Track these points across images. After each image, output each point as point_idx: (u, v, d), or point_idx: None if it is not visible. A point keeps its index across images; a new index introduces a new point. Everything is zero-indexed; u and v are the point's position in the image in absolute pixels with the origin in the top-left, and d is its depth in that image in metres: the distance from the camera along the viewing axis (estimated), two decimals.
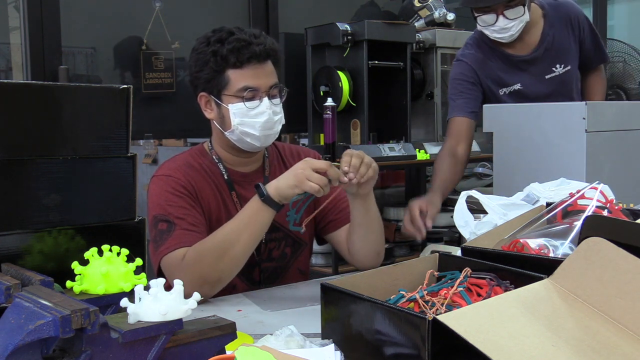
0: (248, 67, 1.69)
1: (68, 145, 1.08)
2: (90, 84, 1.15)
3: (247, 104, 1.69)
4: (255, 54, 1.68)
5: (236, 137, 1.74)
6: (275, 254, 1.82)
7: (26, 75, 2.97)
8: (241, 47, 1.68)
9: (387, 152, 3.38)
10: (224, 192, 1.77)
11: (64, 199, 1.07)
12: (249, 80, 1.69)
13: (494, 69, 2.54)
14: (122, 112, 1.13)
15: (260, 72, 1.70)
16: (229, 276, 1.60)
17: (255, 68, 1.69)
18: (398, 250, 3.80)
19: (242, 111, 1.70)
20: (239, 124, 1.70)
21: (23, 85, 1.13)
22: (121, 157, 1.13)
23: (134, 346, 0.85)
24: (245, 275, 1.76)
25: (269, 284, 1.80)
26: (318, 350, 1.05)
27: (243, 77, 1.69)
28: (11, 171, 1.03)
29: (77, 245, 1.07)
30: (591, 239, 0.96)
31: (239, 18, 3.61)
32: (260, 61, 1.69)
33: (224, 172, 1.79)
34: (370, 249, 1.79)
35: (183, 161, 1.77)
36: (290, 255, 1.84)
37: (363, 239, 1.76)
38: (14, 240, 1.02)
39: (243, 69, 1.69)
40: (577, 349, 0.87)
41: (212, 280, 1.56)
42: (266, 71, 1.71)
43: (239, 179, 1.80)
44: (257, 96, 1.70)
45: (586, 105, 2.00)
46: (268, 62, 1.72)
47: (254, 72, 1.69)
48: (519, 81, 2.55)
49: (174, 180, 1.70)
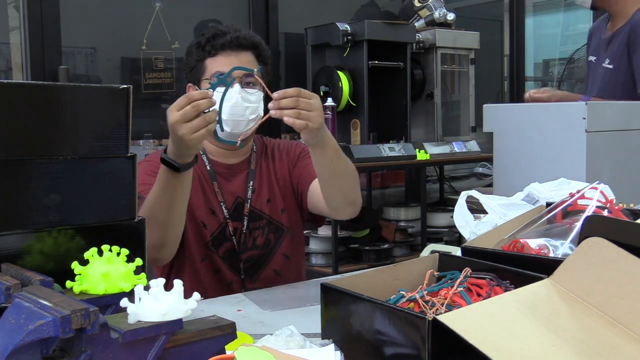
0: (222, 54, 1.77)
1: (68, 145, 1.08)
2: (90, 84, 1.15)
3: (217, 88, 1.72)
4: (227, 42, 1.76)
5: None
6: (260, 241, 1.85)
7: (26, 75, 2.97)
8: (216, 35, 1.77)
9: (387, 152, 3.38)
10: (205, 181, 1.81)
11: (64, 199, 1.07)
12: (220, 67, 1.75)
13: (595, 37, 2.80)
14: (122, 112, 1.13)
15: (233, 59, 1.76)
16: (167, 242, 1.61)
17: (229, 55, 1.76)
18: (398, 250, 3.80)
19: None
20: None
21: (23, 85, 1.13)
22: (121, 157, 1.13)
23: (134, 346, 0.85)
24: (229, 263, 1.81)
25: (255, 270, 1.84)
26: (318, 350, 1.05)
27: (216, 64, 1.77)
28: (11, 171, 1.03)
29: (77, 245, 1.07)
30: (591, 239, 0.96)
31: (239, 18, 3.61)
32: (233, 49, 1.76)
33: (207, 163, 1.83)
34: (342, 200, 1.73)
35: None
36: (274, 241, 1.87)
37: (332, 189, 1.70)
38: (14, 240, 1.02)
39: (217, 56, 1.77)
40: (577, 349, 0.87)
41: (154, 245, 1.54)
42: (240, 59, 1.76)
43: (222, 170, 1.84)
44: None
45: (586, 105, 2.00)
46: (246, 52, 1.78)
47: (227, 60, 1.76)
48: (595, 56, 2.78)
49: (152, 164, 1.75)
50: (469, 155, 3.82)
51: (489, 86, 4.95)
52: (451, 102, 4.04)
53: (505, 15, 4.99)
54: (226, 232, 1.81)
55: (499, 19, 5.00)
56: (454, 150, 3.74)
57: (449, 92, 4.01)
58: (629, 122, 2.16)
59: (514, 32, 4.90)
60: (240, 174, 1.85)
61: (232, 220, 1.81)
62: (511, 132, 2.19)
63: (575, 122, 2.00)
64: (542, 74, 6.22)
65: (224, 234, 1.81)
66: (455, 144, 3.78)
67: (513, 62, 4.91)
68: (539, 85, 6.18)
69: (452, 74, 4.01)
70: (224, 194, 1.81)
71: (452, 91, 4.04)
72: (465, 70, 3.97)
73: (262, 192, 1.85)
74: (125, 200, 1.14)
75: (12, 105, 1.03)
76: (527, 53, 5.15)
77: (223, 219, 1.80)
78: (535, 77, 6.19)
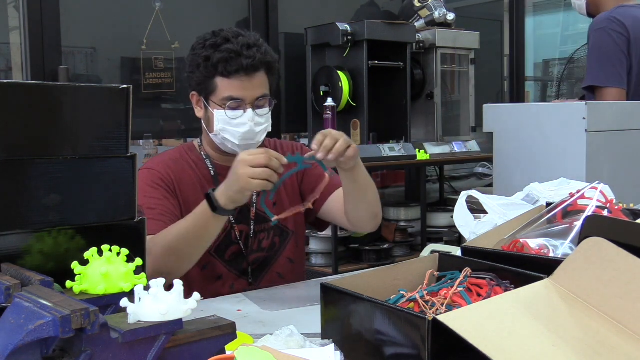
0: (235, 78, 1.70)
1: (68, 145, 1.08)
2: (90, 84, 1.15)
3: (229, 113, 1.71)
4: (242, 67, 1.69)
5: (219, 141, 1.78)
6: (265, 244, 1.85)
7: (26, 75, 2.97)
8: (230, 59, 1.69)
9: (387, 152, 3.38)
10: (209, 187, 1.79)
11: (64, 199, 1.07)
12: (234, 91, 1.70)
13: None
14: (122, 112, 1.13)
15: (247, 84, 1.71)
16: (177, 272, 1.60)
17: (242, 80, 1.70)
18: (398, 250, 3.80)
19: (224, 119, 1.72)
20: (220, 130, 1.74)
21: (23, 85, 1.13)
22: (121, 157, 1.13)
23: (134, 346, 0.85)
24: (234, 266, 1.81)
25: (260, 272, 1.84)
26: (318, 350, 1.05)
27: (229, 87, 1.71)
28: (11, 171, 1.02)
29: (77, 245, 1.07)
30: (591, 239, 0.96)
31: (239, 18, 3.61)
32: (248, 73, 1.70)
33: (211, 168, 1.83)
34: (366, 214, 1.81)
35: (168, 156, 1.84)
36: (279, 244, 1.88)
37: (357, 206, 1.78)
38: (14, 240, 1.02)
39: (230, 79, 1.70)
40: (577, 348, 0.87)
41: (161, 271, 1.55)
42: (253, 83, 1.72)
43: (225, 172, 1.82)
44: (242, 107, 1.72)
45: (586, 105, 2.00)
46: (258, 73, 1.73)
47: (241, 84, 1.70)
48: None
49: (153, 173, 1.75)
50: (469, 155, 3.82)
51: (489, 86, 4.94)
52: (451, 102, 4.04)
53: (505, 15, 4.99)
54: (232, 236, 1.80)
55: (499, 19, 5.00)
56: (454, 150, 3.74)
57: (449, 92, 4.01)
58: (629, 122, 2.16)
59: (514, 32, 4.90)
60: None
61: (238, 224, 1.81)
62: (511, 132, 2.19)
63: (575, 122, 2.00)
64: (542, 74, 6.23)
65: (230, 238, 1.80)
66: (455, 144, 3.78)
67: (513, 62, 4.91)
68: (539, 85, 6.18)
69: (452, 74, 4.01)
70: None
71: (452, 91, 4.04)
72: (465, 70, 3.97)
73: (267, 196, 1.84)
74: (125, 200, 1.13)
75: (12, 105, 1.03)
76: (527, 53, 5.14)
77: (228, 223, 1.79)
78: (535, 77, 6.20)
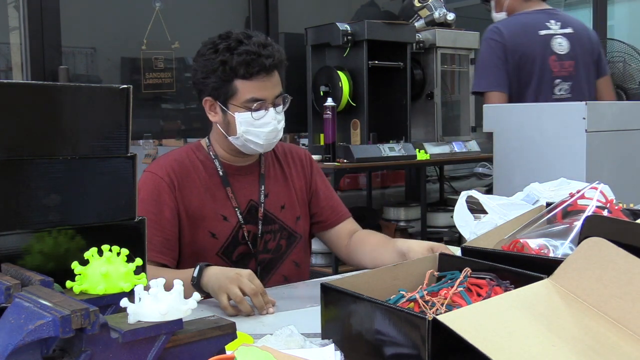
0: (256, 79, 1.71)
1: (68, 145, 1.08)
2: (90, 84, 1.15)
3: (254, 114, 1.72)
4: (264, 67, 1.70)
5: (240, 143, 1.77)
6: (271, 245, 1.85)
7: (26, 75, 2.97)
8: (251, 61, 1.69)
9: (387, 152, 3.38)
10: (216, 188, 1.80)
11: (64, 199, 1.07)
12: (256, 92, 1.71)
13: None
14: (122, 112, 1.13)
15: (267, 83, 1.72)
16: None
17: (263, 80, 1.72)
18: None
19: (248, 121, 1.73)
20: (244, 132, 1.74)
21: (23, 85, 1.13)
22: (121, 157, 1.13)
23: (134, 346, 0.85)
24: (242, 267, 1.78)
25: (265, 274, 1.84)
26: (318, 350, 1.05)
27: (251, 89, 1.71)
28: (11, 171, 1.02)
29: (77, 245, 1.07)
30: (591, 239, 0.96)
31: (239, 18, 3.61)
32: (268, 73, 1.72)
33: (220, 168, 1.82)
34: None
35: (173, 157, 1.82)
36: (286, 247, 1.88)
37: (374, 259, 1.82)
38: (14, 240, 1.02)
39: (251, 80, 1.71)
40: (577, 349, 0.87)
41: None
42: (273, 82, 1.74)
43: (233, 172, 1.84)
44: (264, 107, 1.73)
45: (586, 105, 2.00)
46: (275, 72, 1.75)
47: (262, 84, 1.72)
48: None
49: (155, 179, 1.75)
50: (469, 155, 3.82)
51: None
52: (451, 102, 4.04)
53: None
54: (239, 236, 1.80)
55: None
56: (454, 150, 3.74)
57: (449, 92, 4.01)
58: (629, 122, 2.16)
59: None
60: (250, 175, 1.85)
61: (247, 224, 1.81)
62: (511, 132, 2.19)
63: (575, 122, 2.00)
64: None
65: (237, 238, 1.80)
66: (455, 144, 3.78)
67: None
68: None
69: (452, 74, 4.01)
70: (237, 197, 1.80)
71: (452, 91, 4.04)
72: (465, 70, 3.97)
73: (275, 197, 1.85)
74: (125, 200, 1.13)
75: (12, 105, 1.03)
76: None
77: (236, 223, 1.79)
78: None
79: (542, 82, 2.71)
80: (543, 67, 2.71)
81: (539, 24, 2.75)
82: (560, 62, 2.73)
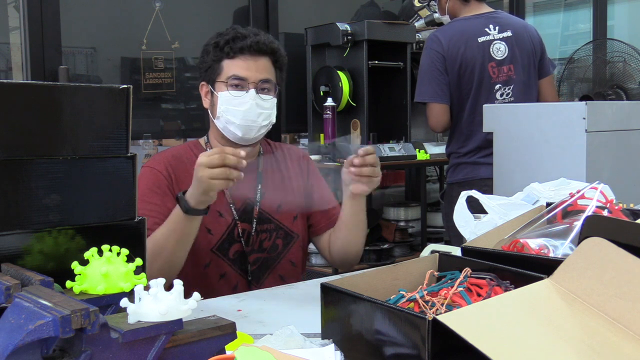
0: (240, 57, 1.77)
1: (68, 145, 1.08)
2: (90, 84, 1.15)
3: (232, 92, 1.76)
4: (247, 46, 1.76)
5: (222, 125, 1.80)
6: (267, 244, 1.85)
7: (26, 75, 2.97)
8: (235, 38, 1.77)
9: (387, 152, 3.38)
10: None
11: (64, 199, 1.07)
12: (238, 70, 1.76)
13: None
14: (122, 112, 1.13)
15: (251, 64, 1.77)
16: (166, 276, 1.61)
17: (247, 60, 1.77)
18: (398, 250, 3.80)
19: (227, 99, 1.77)
20: (223, 111, 1.77)
21: (23, 85, 1.13)
22: (121, 157, 1.13)
23: (134, 346, 0.85)
24: (238, 265, 1.82)
25: (261, 273, 1.84)
26: (318, 350, 1.05)
27: (233, 67, 1.77)
28: (11, 171, 1.02)
29: (77, 245, 1.07)
30: (591, 239, 0.96)
31: (239, 18, 3.61)
32: (252, 54, 1.77)
33: None
34: (352, 249, 1.88)
35: (171, 152, 1.86)
36: (282, 247, 1.88)
37: (347, 238, 1.85)
38: (14, 240, 1.02)
39: (235, 59, 1.77)
40: (577, 349, 0.86)
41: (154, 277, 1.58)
42: (258, 65, 1.78)
43: None
44: (245, 87, 1.77)
45: (586, 105, 2.00)
46: (263, 58, 1.79)
47: (245, 64, 1.77)
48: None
49: (154, 173, 1.78)
50: None
51: None
52: None
53: None
54: (234, 234, 1.81)
55: None
56: None
57: None
58: (629, 122, 2.15)
59: None
60: (248, 174, 1.84)
61: (241, 222, 1.82)
62: (511, 132, 2.19)
63: (575, 122, 2.00)
64: None
65: (232, 236, 1.81)
66: None
67: None
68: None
69: None
70: (233, 195, 1.82)
71: None
72: None
73: (272, 197, 1.86)
74: (125, 200, 1.13)
75: (12, 105, 1.03)
76: None
77: (232, 220, 1.80)
78: None
79: (482, 89, 2.73)
80: (482, 74, 2.73)
81: (478, 30, 2.76)
82: (499, 67, 2.75)
